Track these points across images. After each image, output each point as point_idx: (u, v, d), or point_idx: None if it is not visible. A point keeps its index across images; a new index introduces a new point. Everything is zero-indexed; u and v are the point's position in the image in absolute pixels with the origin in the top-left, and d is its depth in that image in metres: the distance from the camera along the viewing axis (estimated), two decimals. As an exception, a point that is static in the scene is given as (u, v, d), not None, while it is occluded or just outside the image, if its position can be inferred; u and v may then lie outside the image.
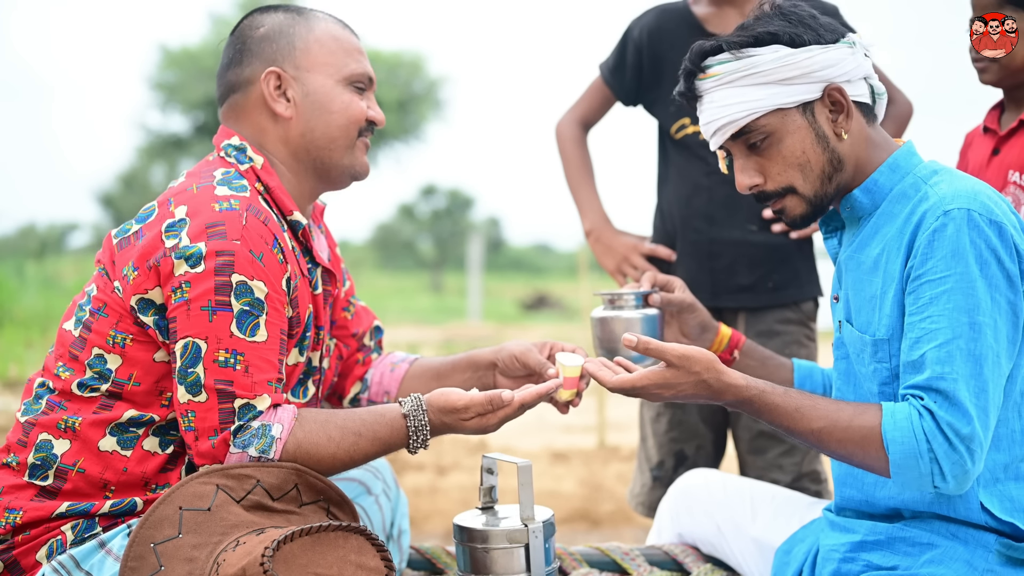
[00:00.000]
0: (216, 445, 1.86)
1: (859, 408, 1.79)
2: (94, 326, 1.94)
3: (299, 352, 2.04)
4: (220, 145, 2.07)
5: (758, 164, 1.90)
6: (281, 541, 1.68)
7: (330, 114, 2.05)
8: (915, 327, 1.76)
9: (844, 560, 1.91)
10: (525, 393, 1.93)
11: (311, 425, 1.91)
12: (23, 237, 23.67)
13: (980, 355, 1.72)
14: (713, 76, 1.88)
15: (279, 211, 2.02)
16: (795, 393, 1.82)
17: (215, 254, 1.86)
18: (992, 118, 2.53)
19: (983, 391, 1.72)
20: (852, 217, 1.94)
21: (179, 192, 1.95)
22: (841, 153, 1.88)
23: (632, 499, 3.01)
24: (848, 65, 1.86)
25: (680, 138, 2.81)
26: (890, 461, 1.74)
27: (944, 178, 1.85)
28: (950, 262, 1.74)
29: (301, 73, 2.05)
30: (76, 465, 1.92)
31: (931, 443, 1.71)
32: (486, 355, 2.24)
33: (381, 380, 2.32)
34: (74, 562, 1.87)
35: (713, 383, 1.80)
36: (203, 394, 1.85)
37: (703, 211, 2.81)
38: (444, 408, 1.92)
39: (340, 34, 2.09)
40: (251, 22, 2.10)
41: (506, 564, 1.89)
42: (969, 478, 1.73)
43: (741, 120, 1.87)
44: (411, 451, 1.95)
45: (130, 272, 1.90)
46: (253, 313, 1.87)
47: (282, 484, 1.87)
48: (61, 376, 1.96)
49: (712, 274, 2.79)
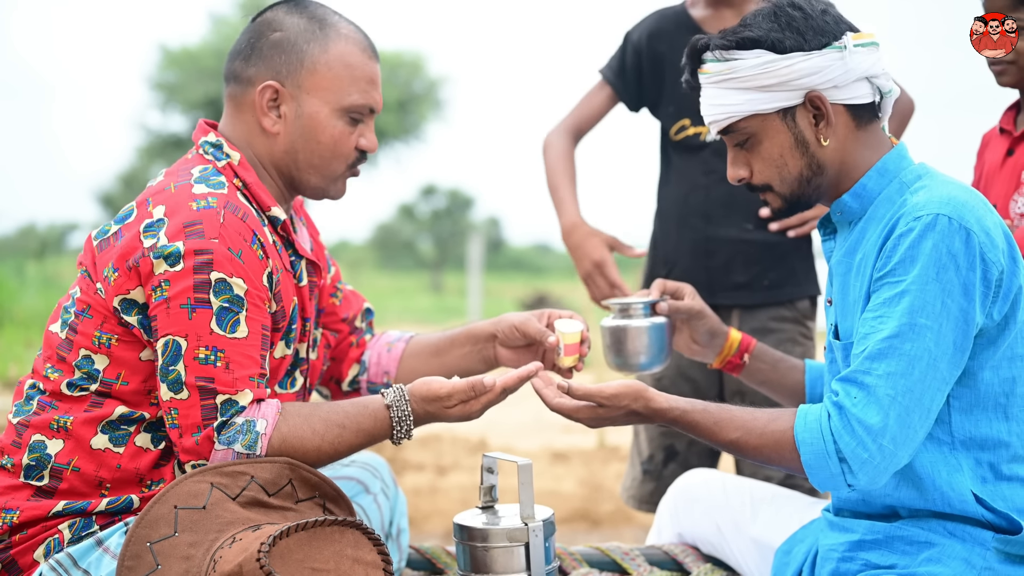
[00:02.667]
0: (200, 442, 1.86)
1: (774, 415, 1.86)
2: (79, 327, 1.94)
3: (285, 345, 2.04)
4: (198, 142, 2.07)
5: (746, 158, 1.94)
6: (277, 537, 1.69)
7: (317, 143, 2.04)
8: (866, 323, 1.80)
9: (843, 559, 1.91)
10: (507, 377, 1.94)
11: (295, 419, 1.92)
12: (23, 237, 23.65)
13: (915, 356, 1.74)
14: (705, 73, 1.91)
15: (258, 206, 2.02)
16: (714, 408, 1.89)
17: (193, 253, 1.86)
18: (1008, 119, 2.52)
19: (909, 391, 1.74)
20: (843, 221, 1.95)
21: (157, 192, 1.96)
22: (822, 158, 1.89)
23: (623, 492, 3.04)
24: (835, 71, 1.85)
25: (680, 140, 2.83)
26: (802, 462, 1.80)
27: (926, 183, 1.86)
28: (908, 265, 1.77)
29: (300, 93, 2.02)
30: (70, 464, 1.92)
31: (838, 443, 1.76)
32: (485, 327, 2.25)
33: (379, 360, 2.32)
34: (72, 560, 1.87)
35: (642, 411, 1.90)
36: (184, 391, 1.86)
37: (700, 209, 2.83)
38: (426, 397, 1.93)
39: (354, 60, 2.04)
40: (273, 19, 2.06)
41: (506, 563, 1.89)
42: (881, 473, 1.76)
43: (722, 121, 1.91)
44: (395, 442, 1.96)
45: (111, 273, 1.90)
46: (233, 310, 1.87)
47: (276, 479, 1.87)
48: (50, 377, 1.96)
49: (708, 271, 2.80)
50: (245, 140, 2.06)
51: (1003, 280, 1.78)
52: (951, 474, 1.82)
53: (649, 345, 2.24)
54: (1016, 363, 1.82)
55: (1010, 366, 1.81)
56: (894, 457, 1.76)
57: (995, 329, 1.80)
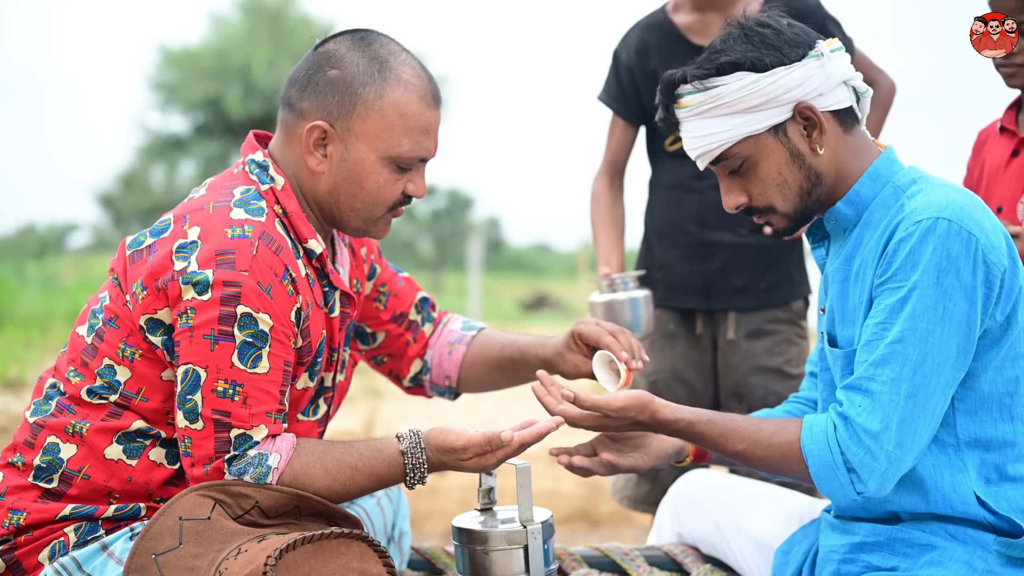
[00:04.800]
0: (210, 472, 1.85)
1: (780, 425, 1.86)
2: (106, 336, 1.94)
3: (309, 377, 2.02)
4: (245, 158, 2.03)
5: (741, 184, 1.91)
6: (283, 550, 1.68)
7: (360, 188, 1.97)
8: (868, 329, 1.80)
9: (844, 561, 1.91)
10: (525, 432, 1.91)
11: (308, 457, 1.90)
12: (23, 237, 23.61)
13: (918, 361, 1.75)
14: (684, 107, 1.88)
15: (296, 236, 1.97)
16: (719, 419, 1.89)
17: (222, 284, 1.83)
18: (1010, 118, 2.50)
19: (912, 396, 1.75)
20: (837, 229, 1.94)
21: (196, 210, 1.93)
22: (819, 167, 1.88)
23: (616, 492, 3.03)
24: (817, 80, 1.84)
25: (675, 150, 2.82)
26: (811, 474, 1.81)
27: (922, 187, 1.85)
28: (910, 270, 1.76)
29: (349, 136, 1.95)
30: (81, 471, 1.92)
31: (845, 454, 1.77)
32: (547, 353, 2.21)
33: (440, 363, 2.31)
34: (76, 564, 1.87)
35: (647, 421, 1.89)
36: (200, 422, 1.85)
37: (694, 214, 2.83)
38: (442, 447, 1.91)
39: (410, 108, 1.95)
40: (335, 53, 1.97)
41: (505, 566, 1.88)
42: (889, 479, 1.77)
43: (714, 150, 1.88)
44: (409, 487, 1.95)
45: (139, 291, 1.89)
46: (256, 345, 1.85)
47: (280, 507, 1.86)
48: (72, 381, 1.95)
49: (704, 276, 2.81)
50: (292, 168, 2.00)
51: (1005, 281, 1.78)
52: (954, 476, 1.82)
53: (633, 315, 2.57)
54: (1019, 363, 1.82)
55: (1013, 366, 1.82)
56: (901, 463, 1.76)
57: (998, 330, 1.80)
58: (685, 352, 2.93)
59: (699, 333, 2.91)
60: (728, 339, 2.88)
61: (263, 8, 24.55)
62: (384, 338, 2.30)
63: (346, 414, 7.16)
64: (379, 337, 2.31)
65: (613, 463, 2.06)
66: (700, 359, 2.93)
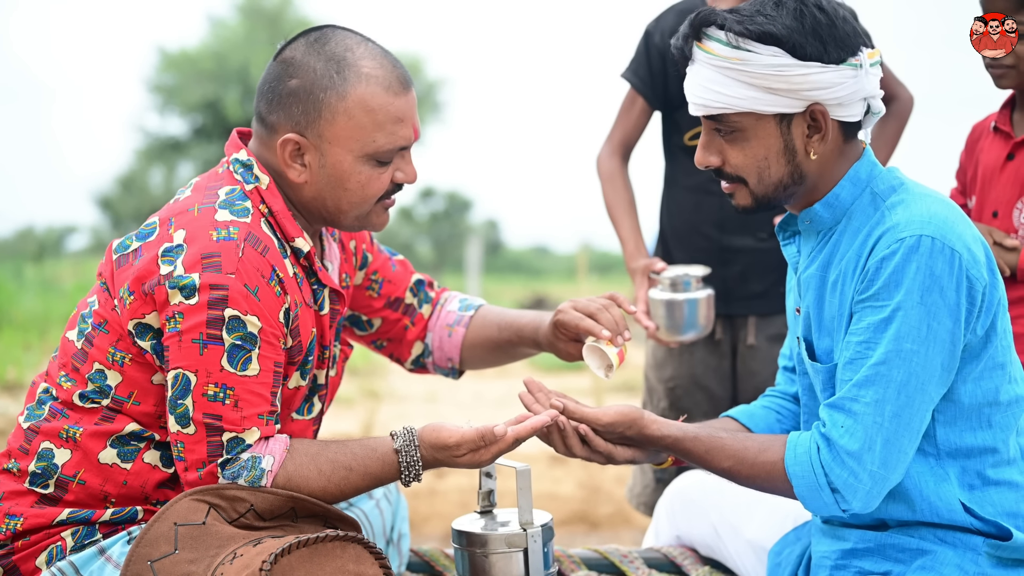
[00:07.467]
0: (203, 476, 1.85)
1: (764, 444, 1.86)
2: (95, 341, 1.93)
3: (301, 376, 2.00)
4: (228, 158, 2.00)
5: (721, 147, 1.85)
6: (279, 554, 1.67)
7: (344, 190, 1.94)
8: (851, 347, 1.79)
9: (836, 567, 1.90)
10: (519, 427, 1.89)
11: (302, 458, 1.90)
12: (21, 239, 23.59)
13: (902, 382, 1.74)
14: (707, 51, 1.81)
15: (282, 235, 1.96)
16: (705, 436, 1.88)
17: (209, 287, 1.82)
18: (1004, 117, 2.48)
19: (896, 417, 1.74)
20: (811, 230, 1.90)
21: (181, 212, 1.91)
22: (805, 169, 1.84)
23: (633, 498, 3.00)
24: (846, 89, 1.78)
25: (694, 145, 2.77)
26: (796, 494, 1.81)
27: (903, 197, 1.82)
28: (893, 289, 1.74)
29: (322, 143, 1.92)
30: (77, 476, 1.91)
31: (829, 475, 1.77)
32: (543, 333, 2.19)
33: (442, 346, 2.31)
34: (73, 568, 1.86)
35: (636, 437, 1.90)
36: (192, 427, 1.84)
37: (714, 218, 2.81)
38: (435, 444, 1.90)
39: (376, 102, 1.91)
40: (291, 60, 1.93)
41: (505, 569, 1.88)
42: (874, 498, 1.77)
43: (715, 109, 1.81)
44: (404, 484, 1.94)
45: (126, 296, 1.88)
46: (245, 348, 1.84)
47: (275, 509, 1.86)
48: (63, 386, 1.94)
49: (724, 281, 2.79)
50: (276, 170, 1.97)
51: (986, 294, 1.77)
52: (938, 484, 1.81)
53: (691, 316, 2.61)
54: (997, 372, 1.81)
55: (992, 376, 1.81)
56: (886, 481, 1.76)
57: (978, 343, 1.79)
58: (704, 358, 2.91)
59: (718, 338, 2.89)
60: (748, 344, 2.86)
61: (261, 10, 24.58)
62: (381, 324, 2.30)
63: (344, 417, 7.16)
64: (375, 323, 2.30)
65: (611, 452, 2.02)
66: (719, 364, 2.91)
